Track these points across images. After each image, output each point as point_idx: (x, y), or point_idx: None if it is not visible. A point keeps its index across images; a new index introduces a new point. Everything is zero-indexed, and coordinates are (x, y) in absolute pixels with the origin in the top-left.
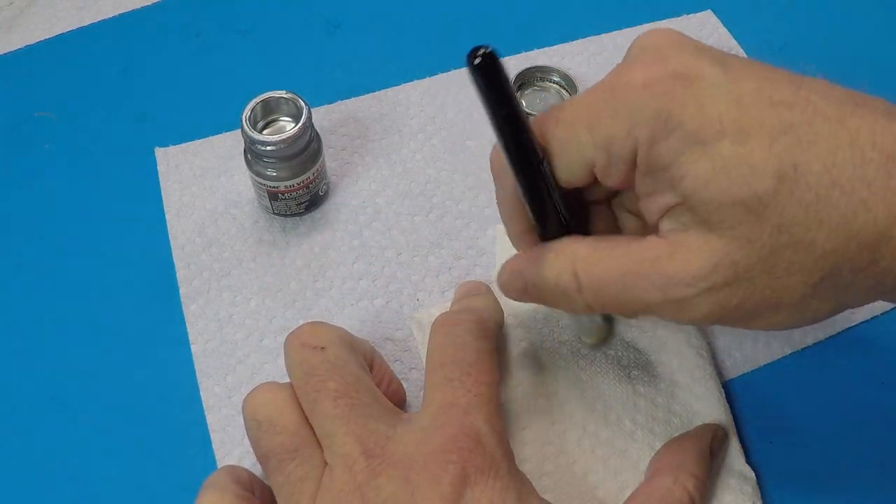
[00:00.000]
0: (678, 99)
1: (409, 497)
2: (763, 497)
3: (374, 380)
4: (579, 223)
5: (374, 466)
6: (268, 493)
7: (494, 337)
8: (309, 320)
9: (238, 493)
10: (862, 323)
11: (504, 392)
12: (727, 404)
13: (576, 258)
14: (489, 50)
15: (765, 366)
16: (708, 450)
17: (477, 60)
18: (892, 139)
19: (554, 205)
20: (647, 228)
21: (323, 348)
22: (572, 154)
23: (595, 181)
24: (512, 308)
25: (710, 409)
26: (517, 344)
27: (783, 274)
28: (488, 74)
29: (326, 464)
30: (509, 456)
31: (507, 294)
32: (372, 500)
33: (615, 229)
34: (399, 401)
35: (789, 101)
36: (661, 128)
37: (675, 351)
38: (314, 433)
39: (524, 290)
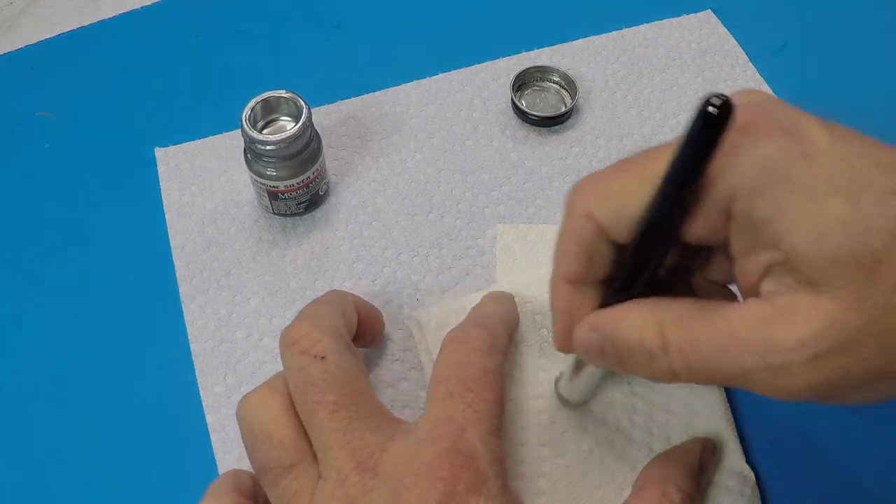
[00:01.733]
0: (786, 151)
1: None
2: (763, 497)
3: (363, 329)
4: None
5: (365, 481)
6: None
7: (504, 353)
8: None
9: (236, 501)
10: None
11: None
12: (727, 403)
13: (664, 316)
14: (728, 100)
15: None
16: (697, 464)
17: (712, 109)
18: None
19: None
20: (736, 299)
21: (324, 357)
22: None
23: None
24: None
25: (709, 408)
26: (515, 345)
27: (894, 338)
28: (717, 128)
29: (320, 476)
30: (502, 475)
31: (586, 356)
32: None
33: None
34: (378, 325)
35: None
36: (765, 178)
37: None
38: (309, 445)
39: (601, 349)
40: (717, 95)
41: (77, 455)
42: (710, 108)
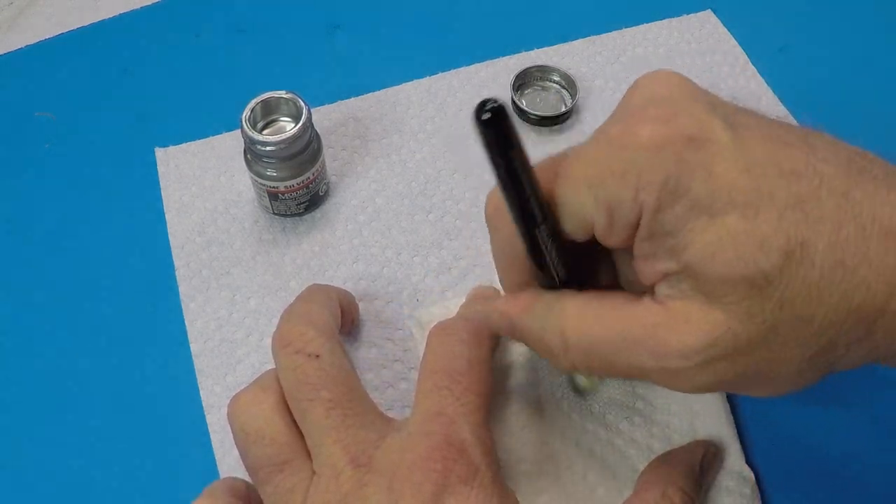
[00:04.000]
0: (688, 164)
1: None
2: (763, 497)
3: (343, 318)
4: (578, 272)
5: (360, 476)
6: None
7: (491, 345)
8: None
9: (230, 502)
10: None
11: (502, 392)
12: (727, 404)
13: (564, 316)
14: (498, 104)
15: None
16: (698, 466)
17: (485, 116)
18: (889, 211)
19: (551, 259)
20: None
21: (318, 356)
22: (574, 212)
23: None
24: None
25: (709, 409)
26: (515, 344)
27: (780, 348)
28: (496, 130)
29: (314, 472)
30: (494, 467)
31: (496, 330)
32: None
33: (615, 279)
34: (355, 310)
35: (798, 171)
36: (668, 194)
37: None
38: (302, 442)
39: (512, 333)
40: (486, 102)
41: (77, 455)
42: (484, 116)
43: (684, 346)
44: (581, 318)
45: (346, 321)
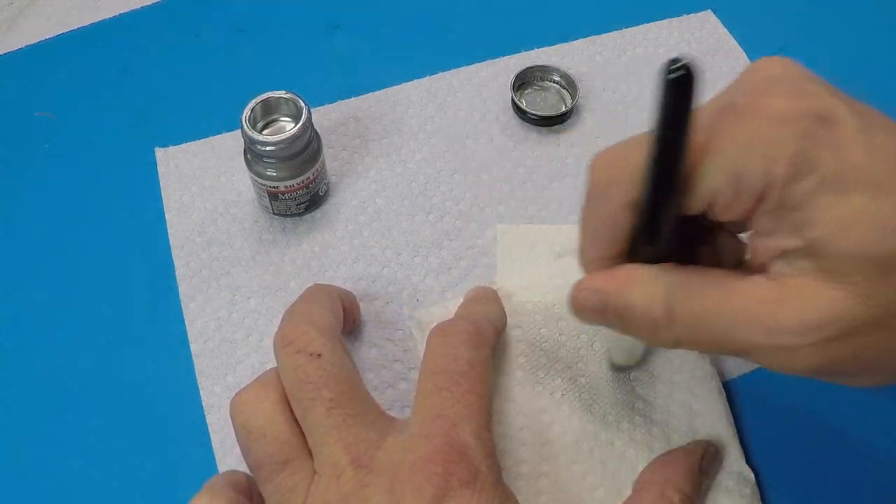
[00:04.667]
0: (818, 141)
1: None
2: (763, 497)
3: (345, 318)
4: (679, 248)
5: (361, 476)
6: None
7: (491, 346)
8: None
9: (231, 498)
10: None
11: (502, 393)
12: (727, 405)
13: (671, 287)
14: (690, 63)
15: None
16: (698, 466)
17: (676, 74)
18: None
19: (666, 232)
20: (741, 259)
21: (320, 355)
22: (700, 183)
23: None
24: (510, 308)
25: (709, 409)
26: (515, 345)
27: (894, 334)
28: (683, 90)
29: (315, 472)
30: (495, 469)
31: (578, 312)
32: None
33: (712, 258)
34: (356, 310)
35: None
36: (798, 168)
37: (676, 351)
38: (304, 440)
39: (602, 311)
40: (677, 61)
41: (77, 455)
42: (671, 75)
43: (800, 323)
44: (689, 291)
45: (348, 321)
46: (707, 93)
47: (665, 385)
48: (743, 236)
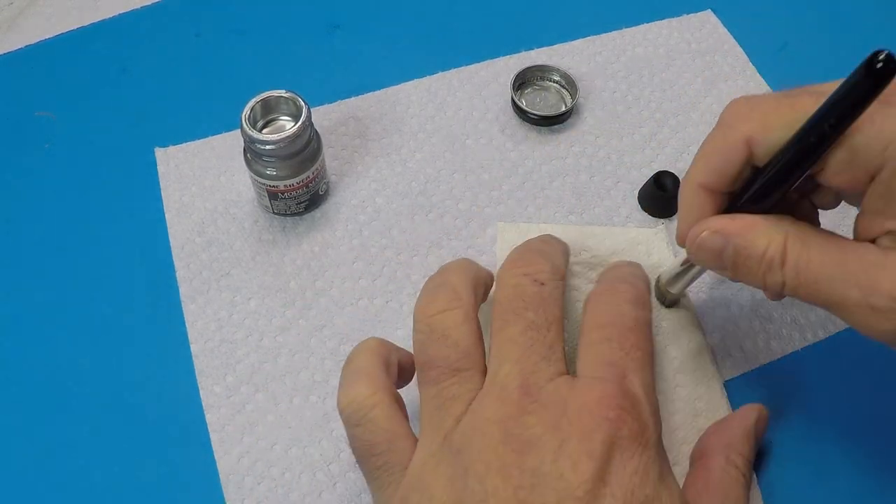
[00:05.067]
0: None
1: (556, 445)
2: (763, 497)
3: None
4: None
5: (525, 404)
6: (406, 361)
7: (650, 309)
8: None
9: (390, 390)
10: None
11: None
12: (729, 404)
13: (791, 235)
14: (893, 56)
15: (765, 365)
16: (753, 430)
17: (880, 65)
18: None
19: (790, 188)
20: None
21: (542, 284)
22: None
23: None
24: None
25: (711, 409)
26: None
27: None
28: (880, 82)
29: (482, 389)
30: (659, 428)
31: (697, 253)
32: (516, 436)
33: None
34: None
35: None
36: None
37: (677, 350)
38: (482, 357)
39: (720, 252)
40: (883, 53)
41: (77, 455)
42: (878, 64)
43: (894, 288)
44: (804, 240)
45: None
46: (706, 92)
47: (668, 384)
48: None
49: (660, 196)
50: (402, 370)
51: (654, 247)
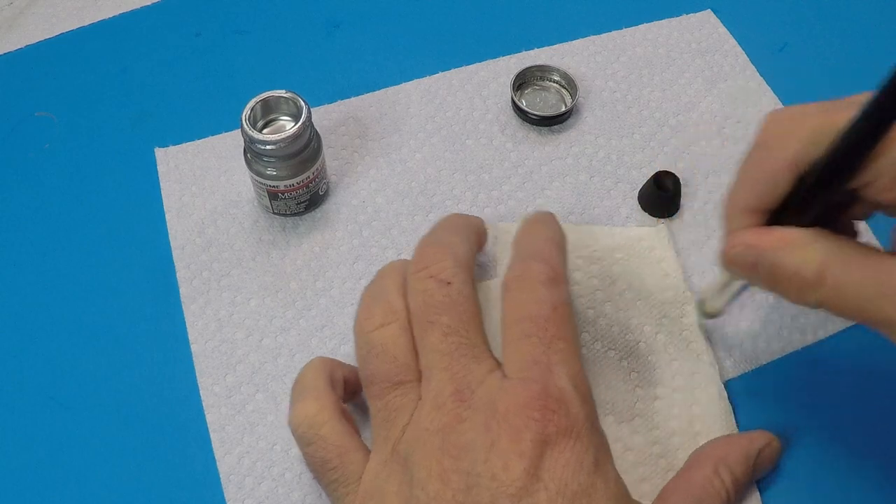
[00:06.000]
0: None
1: (488, 446)
2: (763, 497)
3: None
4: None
5: (460, 411)
6: (351, 376)
7: (567, 280)
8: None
9: (336, 404)
10: None
11: None
12: (730, 408)
13: (827, 253)
14: None
15: (765, 365)
16: (755, 454)
17: None
18: None
19: (826, 201)
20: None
21: (449, 283)
22: (869, 163)
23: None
24: None
25: (708, 413)
26: None
27: None
28: None
29: (421, 397)
30: (592, 416)
31: (729, 264)
32: (452, 444)
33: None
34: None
35: None
36: None
37: (676, 354)
38: (418, 366)
39: (752, 266)
40: None
41: (77, 455)
42: None
43: None
44: (843, 258)
45: (479, 249)
46: (706, 92)
47: (666, 388)
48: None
49: (660, 196)
50: (349, 385)
51: (657, 243)
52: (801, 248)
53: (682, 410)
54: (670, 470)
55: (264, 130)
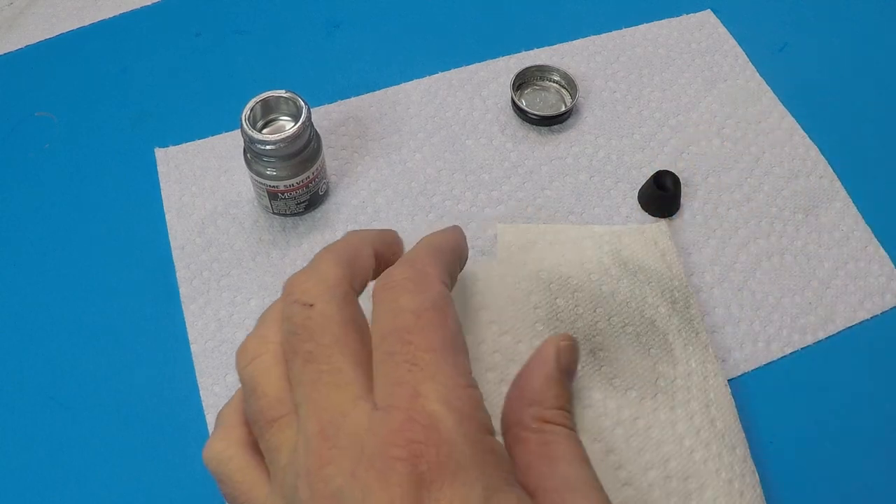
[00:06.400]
0: None
1: (360, 498)
2: (765, 497)
3: (384, 261)
4: None
5: (323, 452)
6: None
7: (442, 279)
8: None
9: (245, 440)
10: (862, 322)
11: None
12: (734, 405)
13: None
14: None
15: (765, 366)
16: (556, 370)
17: None
18: None
19: None
20: None
21: (311, 305)
22: None
23: None
24: (522, 275)
25: (722, 399)
26: (532, 311)
27: None
28: None
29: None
30: (475, 434)
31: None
32: (321, 492)
33: None
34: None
35: None
36: None
37: (689, 340)
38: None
39: None
40: None
41: (76, 454)
42: None
43: None
44: None
45: (389, 263)
46: (706, 92)
47: (683, 368)
48: None
49: (660, 195)
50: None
51: (659, 237)
52: None
53: (700, 393)
54: (694, 451)
55: (264, 130)
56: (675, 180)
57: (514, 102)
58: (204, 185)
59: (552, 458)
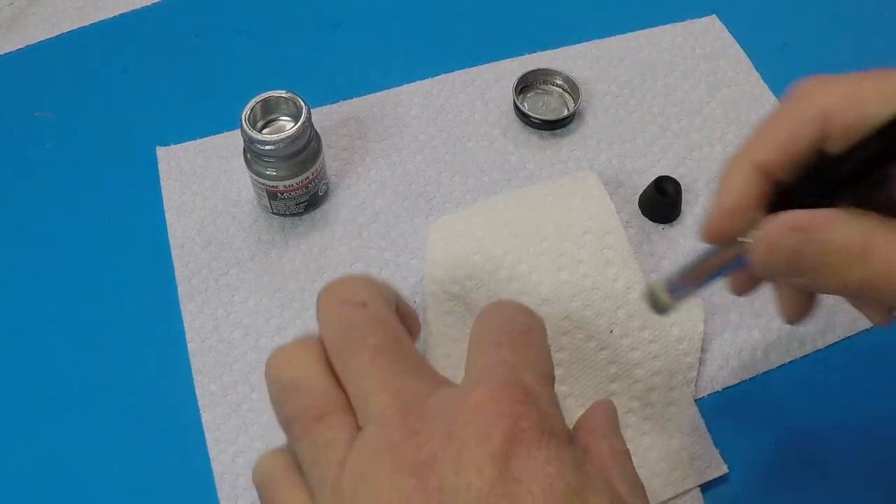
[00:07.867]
0: None
1: (455, 456)
2: (763, 498)
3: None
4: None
5: (411, 423)
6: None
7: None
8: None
9: (294, 461)
10: (863, 331)
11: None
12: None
13: (870, 227)
14: None
15: (763, 373)
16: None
17: None
18: None
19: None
20: None
21: (365, 304)
22: None
23: None
24: (466, 272)
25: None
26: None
27: None
28: None
29: (359, 429)
30: (562, 418)
31: (769, 256)
32: (409, 460)
33: None
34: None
35: None
36: None
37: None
38: (344, 396)
39: (797, 251)
40: None
41: (74, 453)
42: None
43: None
44: (887, 231)
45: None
46: (709, 98)
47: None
48: None
49: (660, 201)
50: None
51: (589, 187)
52: (846, 224)
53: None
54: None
55: (264, 130)
56: (677, 186)
57: (516, 106)
58: (204, 184)
59: (621, 469)
